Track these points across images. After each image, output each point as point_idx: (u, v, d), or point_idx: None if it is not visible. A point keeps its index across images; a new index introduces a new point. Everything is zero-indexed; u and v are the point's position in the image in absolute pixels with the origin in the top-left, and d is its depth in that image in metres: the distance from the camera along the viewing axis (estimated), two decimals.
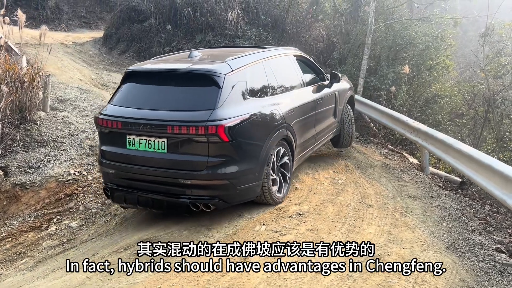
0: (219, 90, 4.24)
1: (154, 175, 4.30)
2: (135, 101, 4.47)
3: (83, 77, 10.97)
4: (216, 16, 14.31)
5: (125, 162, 4.44)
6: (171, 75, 4.57)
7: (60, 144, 6.73)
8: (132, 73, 4.73)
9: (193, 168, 4.16)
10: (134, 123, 4.26)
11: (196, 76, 4.44)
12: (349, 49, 13.54)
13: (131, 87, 4.66)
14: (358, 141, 8.90)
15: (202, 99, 4.27)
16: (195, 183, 4.19)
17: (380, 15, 12.95)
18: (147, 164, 4.31)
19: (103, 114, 4.54)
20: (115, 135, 4.46)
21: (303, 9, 16.91)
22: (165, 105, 4.34)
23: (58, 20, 22.68)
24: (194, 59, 4.83)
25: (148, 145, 4.24)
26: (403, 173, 6.58)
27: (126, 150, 4.37)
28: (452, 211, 5.02)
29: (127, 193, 4.47)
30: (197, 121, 4.05)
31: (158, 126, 4.16)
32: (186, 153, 4.19)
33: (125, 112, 4.39)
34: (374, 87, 11.67)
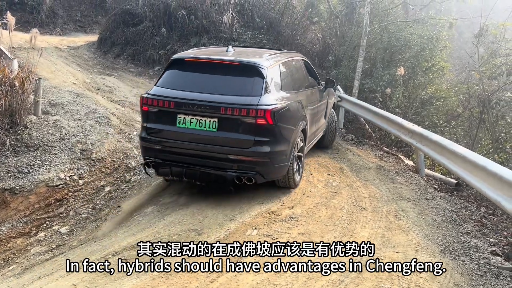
0: (264, 80, 4.84)
1: (204, 151, 4.76)
2: (184, 85, 4.94)
3: (76, 80, 10.87)
4: (211, 19, 14.26)
5: (174, 139, 4.85)
6: (220, 65, 5.08)
7: (51, 148, 6.64)
8: (179, 60, 5.19)
9: (241, 146, 4.69)
10: (187, 103, 4.71)
11: (244, 67, 4.98)
12: (344, 51, 13.51)
13: (177, 73, 5.14)
14: (353, 143, 8.84)
15: (249, 87, 4.81)
16: (241, 158, 4.72)
17: (375, 17, 12.94)
18: (197, 141, 4.76)
19: (151, 94, 4.92)
20: (164, 114, 4.85)
21: (298, 12, 16.89)
22: (216, 89, 4.82)
23: (53, 24, 22.59)
24: (231, 53, 5.39)
25: (199, 124, 4.71)
26: (398, 175, 6.51)
27: (176, 127, 4.79)
28: (447, 213, 4.95)
29: (174, 166, 4.90)
30: (248, 105, 4.60)
31: (212, 107, 4.64)
32: (235, 132, 4.68)
33: (175, 94, 4.83)
34: (370, 89, 11.64)
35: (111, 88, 11.07)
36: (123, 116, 8.68)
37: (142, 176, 6.55)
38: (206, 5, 14.33)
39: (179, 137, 4.82)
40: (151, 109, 4.92)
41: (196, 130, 4.73)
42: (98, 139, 7.12)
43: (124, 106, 9.66)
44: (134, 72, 14.04)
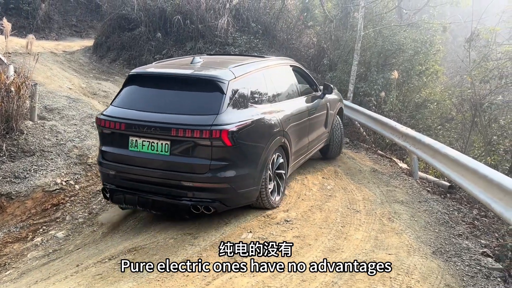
0: (223, 95, 4.38)
1: (156, 177, 4.37)
2: (138, 103, 4.57)
3: (72, 85, 10.92)
4: (206, 23, 14.34)
5: (126, 163, 4.49)
6: (176, 80, 4.72)
7: (47, 153, 6.67)
8: (135, 76, 4.83)
9: (196, 171, 4.25)
10: (138, 125, 4.33)
11: (200, 81, 4.57)
12: (339, 55, 13.62)
13: (134, 90, 4.77)
14: (347, 147, 8.91)
15: (206, 104, 4.40)
16: (197, 185, 4.29)
17: (369, 21, 13.05)
18: (149, 166, 4.38)
19: (104, 115, 4.60)
20: (117, 136, 4.52)
21: (293, 16, 17.00)
22: (170, 108, 4.43)
23: (49, 29, 22.59)
24: (196, 65, 4.91)
25: (151, 147, 4.32)
26: (391, 178, 6.59)
27: (128, 151, 4.43)
28: (439, 215, 5.02)
29: (127, 194, 4.52)
30: (201, 125, 4.16)
31: (162, 128, 4.25)
32: (189, 156, 4.28)
33: (128, 114, 4.46)
34: (364, 93, 11.72)
35: (107, 93, 11.11)
36: None
37: None
38: (201, 10, 14.41)
39: (131, 162, 4.46)
40: (105, 131, 4.63)
41: (148, 154, 4.34)
42: (94, 144, 7.16)
43: None
44: None
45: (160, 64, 5.46)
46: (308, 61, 16.55)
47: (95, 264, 3.95)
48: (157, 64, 5.45)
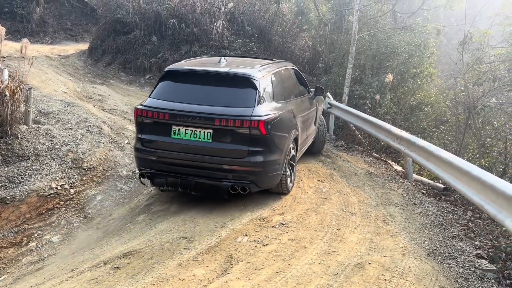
0: (257, 91, 4.96)
1: (198, 161, 4.85)
2: (178, 96, 5.01)
3: (67, 89, 10.89)
4: (201, 27, 14.37)
5: (169, 150, 4.94)
6: (213, 76, 5.22)
7: (42, 157, 6.65)
8: (173, 72, 5.33)
9: (235, 156, 4.80)
10: (182, 115, 4.81)
11: (237, 78, 5.10)
12: (334, 58, 13.68)
13: (171, 84, 5.25)
14: (343, 150, 8.95)
15: (242, 98, 4.94)
16: (236, 168, 4.81)
17: (363, 25, 13.13)
18: (191, 152, 4.85)
19: (145, 105, 5.01)
20: (159, 125, 4.94)
21: (288, 20, 17.06)
22: (210, 101, 4.91)
23: (44, 33, 22.54)
24: (223, 63, 5.48)
25: (194, 135, 4.80)
26: (386, 180, 6.62)
27: (170, 139, 4.88)
28: (434, 217, 5.05)
29: (169, 177, 4.96)
30: (242, 116, 4.72)
31: (206, 118, 4.74)
32: (229, 143, 4.80)
33: (170, 105, 4.91)
34: (359, 96, 11.78)
35: (102, 97, 11.10)
36: (114, 125, 8.70)
37: (134, 185, 6.58)
38: (197, 13, 14.43)
39: (174, 148, 4.90)
40: (145, 121, 5.00)
41: (190, 141, 4.81)
42: (89, 148, 7.15)
43: (115, 114, 9.69)
44: (125, 81, 14.08)
45: (192, 62, 5.94)
46: (304, 64, 16.60)
47: (90, 268, 3.94)
48: (189, 62, 5.92)
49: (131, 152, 7.57)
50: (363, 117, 8.70)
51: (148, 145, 5.05)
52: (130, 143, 7.91)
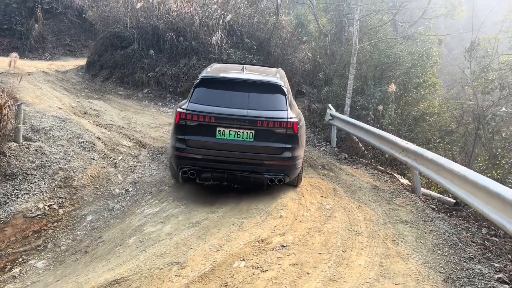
0: (285, 96, 5.75)
1: (242, 158, 5.46)
2: (218, 101, 5.58)
3: (62, 105, 10.61)
4: (200, 40, 14.16)
5: (214, 149, 5.49)
6: (247, 83, 5.80)
7: (31, 176, 6.32)
8: (208, 79, 5.84)
9: (274, 152, 5.53)
10: (227, 118, 5.41)
11: (268, 85, 5.85)
12: (334, 69, 13.42)
13: (207, 90, 5.75)
14: (346, 163, 8.60)
15: (275, 102, 5.69)
16: (274, 163, 5.55)
17: (364, 35, 12.89)
18: (235, 150, 5.45)
19: (189, 109, 5.49)
20: (204, 127, 5.45)
21: (288, 32, 16.87)
22: (248, 105, 5.54)
23: (42, 49, 22.43)
24: (246, 72, 6.14)
25: (237, 135, 5.43)
26: (393, 195, 6.25)
27: (215, 139, 5.45)
28: (447, 236, 4.67)
29: (215, 173, 5.52)
30: (280, 118, 5.49)
31: (249, 121, 5.40)
32: (269, 141, 5.50)
33: (214, 110, 5.46)
34: (362, 107, 11.48)
35: (98, 112, 10.81)
36: (109, 141, 8.39)
37: (127, 203, 6.24)
38: (195, 26, 14.24)
39: (218, 147, 5.46)
40: (189, 123, 5.48)
41: (234, 141, 5.43)
42: (81, 165, 6.82)
43: (110, 130, 9.38)
44: (123, 95, 13.82)
45: (216, 69, 6.52)
46: (304, 76, 16.36)
47: None
48: (214, 68, 6.47)
49: (125, 168, 7.25)
50: (366, 128, 8.37)
51: (193, 145, 5.51)
52: (124, 160, 7.59)
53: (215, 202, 5.73)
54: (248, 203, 5.62)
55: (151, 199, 6.18)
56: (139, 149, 8.31)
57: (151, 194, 6.35)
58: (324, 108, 11.28)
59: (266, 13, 16.47)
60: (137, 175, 7.08)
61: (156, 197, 6.20)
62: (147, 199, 6.20)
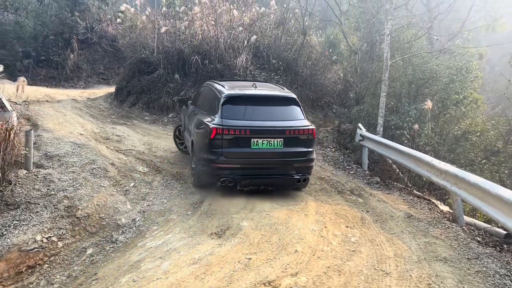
0: (300, 107, 6.62)
1: (274, 163, 6.27)
2: (247, 115, 6.22)
3: (84, 131, 10.45)
4: (225, 63, 13.88)
5: (250, 158, 6.14)
6: (268, 98, 6.68)
7: (34, 205, 5.97)
8: (233, 97, 6.39)
9: (300, 156, 6.31)
10: (260, 130, 6.12)
11: (285, 99, 6.70)
12: (366, 87, 12.68)
13: (233, 106, 6.30)
14: (378, 187, 7.78)
15: (294, 113, 6.52)
16: (301, 165, 6.35)
17: (396, 50, 12.15)
18: (268, 157, 6.20)
19: (224, 125, 6.03)
20: (240, 139, 6.06)
21: (317, 52, 16.36)
22: (276, 117, 6.36)
23: (77, 78, 23.02)
24: (256, 88, 6.78)
25: (269, 144, 6.14)
26: (431, 225, 5.41)
27: (250, 149, 6.08)
28: (498, 279, 3.82)
29: (254, 179, 6.19)
30: (303, 126, 6.35)
31: (279, 131, 6.18)
32: (295, 146, 6.27)
33: (248, 123, 6.11)
34: (396, 126, 10.66)
35: (120, 137, 10.57)
36: (124, 166, 8.03)
37: (132, 235, 5.74)
38: (220, 49, 14.00)
39: (254, 156, 6.12)
40: (225, 137, 6.00)
41: (267, 149, 6.12)
42: (87, 193, 6.43)
43: (129, 155, 9.05)
44: (148, 120, 13.65)
45: (231, 85, 7.10)
46: (335, 96, 15.70)
47: None
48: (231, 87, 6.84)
49: (135, 196, 6.82)
50: (399, 149, 7.57)
51: (231, 156, 6.05)
52: (136, 186, 7.17)
53: (224, 232, 5.13)
54: (262, 234, 4.98)
55: (157, 230, 5.65)
56: (154, 175, 7.88)
57: (158, 225, 5.83)
58: (355, 128, 10.52)
59: (293, 33, 16.05)
60: (147, 203, 6.60)
61: (162, 228, 5.67)
62: (153, 230, 5.68)
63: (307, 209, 6.10)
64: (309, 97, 14.61)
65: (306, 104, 14.51)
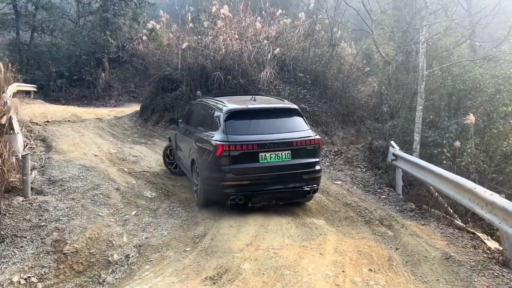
0: (303, 118, 6.48)
1: (284, 176, 6.01)
2: (252, 129, 6.04)
3: (99, 152, 10.05)
4: (249, 78, 13.23)
5: (259, 173, 5.91)
6: (270, 111, 6.48)
7: (20, 239, 5.45)
8: (234, 112, 6.17)
9: (309, 167, 6.13)
10: (267, 143, 5.87)
11: (288, 110, 6.52)
12: (400, 100, 11.61)
13: (236, 121, 6.09)
14: (412, 216, 6.76)
15: (298, 124, 6.32)
16: (310, 176, 6.16)
17: (434, 59, 11.05)
18: (277, 170, 5.94)
19: (232, 141, 5.79)
20: (247, 155, 5.82)
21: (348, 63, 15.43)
22: (282, 129, 6.16)
23: (109, 97, 23.18)
24: (256, 101, 6.63)
25: (277, 157, 5.92)
26: (475, 272, 4.38)
27: (259, 163, 5.86)
28: None
29: (265, 194, 5.95)
30: (309, 137, 6.15)
31: (287, 143, 5.98)
32: (303, 158, 6.09)
33: (254, 137, 5.90)
34: (434, 143, 9.55)
35: (137, 158, 10.09)
36: (130, 192, 7.45)
37: (121, 275, 5.06)
38: (244, 63, 13.38)
39: (263, 171, 5.89)
40: (232, 153, 5.75)
41: (275, 162, 5.91)
42: (81, 224, 5.85)
43: (140, 178, 8.49)
44: None
45: (233, 101, 6.77)
46: (369, 110, 14.68)
47: None
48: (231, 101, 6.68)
49: (135, 227, 6.17)
50: (436, 171, 6.53)
51: (238, 172, 5.82)
52: (138, 215, 6.55)
53: (221, 277, 4.35)
54: (263, 281, 4.15)
55: (148, 270, 4.94)
56: (161, 201, 7.23)
57: (151, 263, 5.12)
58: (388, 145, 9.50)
59: (322, 45, 15.21)
60: (147, 234, 5.92)
61: (154, 267, 4.95)
62: (144, 270, 4.97)
63: (324, 245, 5.21)
64: (339, 111, 13.68)
65: (336, 119, 13.56)
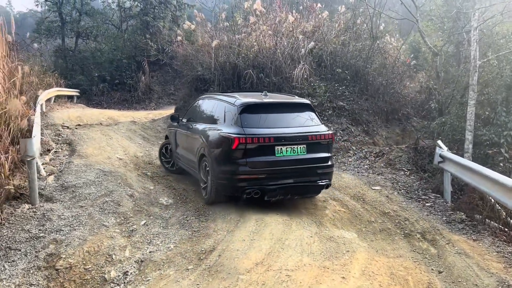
0: (315, 113, 6.53)
1: (299, 170, 5.99)
2: (268, 123, 5.99)
3: (124, 155, 9.70)
4: (282, 75, 12.47)
5: (275, 166, 5.86)
6: (283, 105, 6.47)
7: (13, 252, 5.04)
8: (250, 105, 6.15)
9: (323, 161, 6.20)
10: (283, 137, 5.86)
11: (301, 105, 6.53)
12: (450, 95, 10.36)
13: (252, 115, 6.04)
14: (461, 229, 5.70)
15: (311, 119, 6.31)
16: (324, 171, 6.22)
17: (489, 47, 9.74)
18: (293, 164, 5.92)
19: (249, 134, 5.75)
20: (264, 148, 5.79)
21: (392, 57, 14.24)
22: (296, 123, 6.14)
23: (149, 100, 23.26)
24: (268, 96, 6.62)
25: (293, 151, 5.91)
26: None
27: (275, 157, 5.83)
28: None
29: (280, 188, 5.87)
30: (323, 131, 6.23)
31: (302, 137, 5.99)
32: (318, 152, 6.14)
33: (271, 131, 5.87)
34: (490, 142, 8.32)
35: None
36: (144, 198, 6.96)
37: None
38: (278, 60, 12.64)
39: (279, 164, 5.85)
40: (249, 146, 5.73)
41: (291, 156, 5.90)
42: (81, 235, 5.37)
43: (160, 183, 8.01)
44: None
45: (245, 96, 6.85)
46: (416, 107, 13.42)
47: None
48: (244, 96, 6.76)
49: (141, 238, 5.61)
50: (490, 176, 5.45)
51: (255, 166, 5.80)
52: (148, 225, 6.00)
53: None
54: None
55: None
56: (176, 209, 6.66)
57: (148, 283, 4.51)
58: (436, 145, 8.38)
59: (364, 39, 14.13)
60: (152, 248, 5.33)
61: None
62: None
63: (350, 266, 4.37)
64: (382, 109, 12.56)
65: (378, 118, 12.45)
